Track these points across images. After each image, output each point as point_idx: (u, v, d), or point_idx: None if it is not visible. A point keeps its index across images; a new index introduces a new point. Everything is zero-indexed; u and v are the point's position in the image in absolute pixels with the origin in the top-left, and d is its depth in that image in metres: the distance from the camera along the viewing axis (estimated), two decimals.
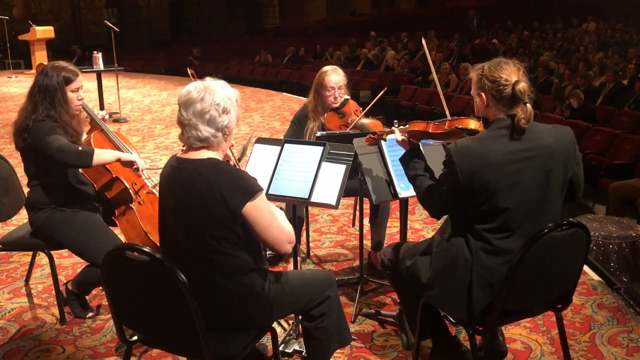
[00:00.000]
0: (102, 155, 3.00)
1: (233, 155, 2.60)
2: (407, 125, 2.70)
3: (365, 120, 3.85)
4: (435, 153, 2.99)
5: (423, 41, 3.35)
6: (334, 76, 3.83)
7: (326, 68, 3.93)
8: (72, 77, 3.05)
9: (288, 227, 2.28)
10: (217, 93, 2.18)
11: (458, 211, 2.36)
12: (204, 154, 2.20)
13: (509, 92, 2.27)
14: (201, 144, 2.19)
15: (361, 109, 3.92)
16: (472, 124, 2.44)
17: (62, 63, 3.11)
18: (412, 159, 2.60)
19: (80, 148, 2.94)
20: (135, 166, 3.14)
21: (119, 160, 3.08)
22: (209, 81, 2.22)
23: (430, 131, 2.57)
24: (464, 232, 2.34)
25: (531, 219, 2.29)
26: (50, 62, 3.14)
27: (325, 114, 3.88)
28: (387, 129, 2.91)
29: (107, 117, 3.39)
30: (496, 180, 2.23)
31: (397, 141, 2.73)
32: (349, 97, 3.94)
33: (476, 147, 2.27)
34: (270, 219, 2.19)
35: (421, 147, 3.05)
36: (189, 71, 3.90)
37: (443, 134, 2.51)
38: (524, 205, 2.27)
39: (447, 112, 2.97)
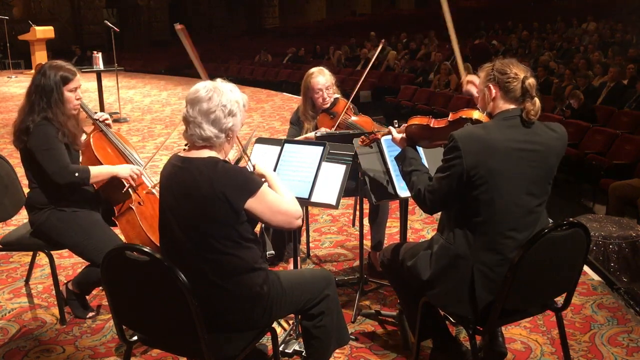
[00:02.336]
0: (98, 177, 3.05)
1: (241, 146, 2.60)
2: (407, 122, 2.69)
3: (354, 118, 3.85)
4: (435, 154, 2.98)
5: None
6: (321, 77, 3.82)
7: (312, 70, 3.91)
8: (69, 76, 3.04)
9: (293, 207, 2.29)
10: (225, 95, 2.19)
11: (454, 204, 2.36)
12: (205, 153, 2.20)
13: (517, 85, 2.32)
14: (203, 143, 2.20)
15: (352, 106, 3.91)
16: (476, 114, 2.44)
17: (60, 62, 3.10)
18: (408, 156, 2.60)
19: (77, 174, 2.95)
20: (126, 187, 3.15)
21: (114, 176, 3.10)
22: (219, 82, 2.24)
23: (431, 126, 2.55)
24: (462, 228, 2.33)
25: (526, 213, 2.30)
26: (48, 62, 3.13)
27: (318, 116, 3.88)
28: (384, 129, 2.90)
29: (107, 117, 3.36)
30: (499, 168, 2.23)
31: (393, 139, 2.72)
32: (339, 95, 3.94)
33: (481, 133, 2.28)
34: (275, 208, 2.21)
35: (420, 150, 3.06)
36: (177, 26, 3.43)
37: (445, 128, 2.50)
38: (521, 197, 2.28)
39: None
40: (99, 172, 3.05)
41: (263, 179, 2.38)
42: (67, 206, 3.07)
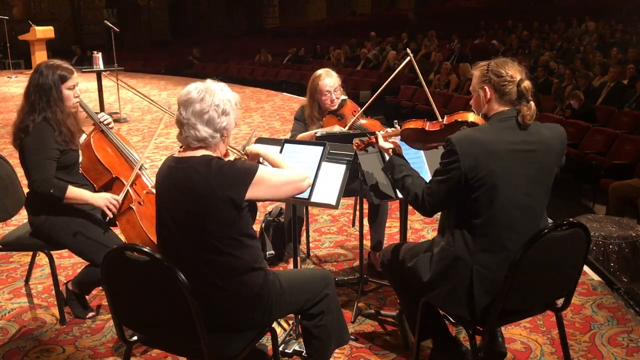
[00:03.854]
0: (72, 200, 2.98)
1: (236, 151, 2.62)
2: (398, 127, 2.69)
3: (363, 121, 3.83)
4: (435, 156, 2.98)
5: (408, 51, 3.33)
6: (329, 79, 3.78)
7: (319, 72, 3.86)
8: (67, 74, 3.04)
9: (295, 174, 2.33)
10: (217, 94, 2.19)
11: (452, 206, 2.35)
12: (200, 153, 2.20)
13: (513, 89, 2.31)
14: (199, 143, 2.20)
15: (359, 108, 3.90)
16: (471, 116, 2.45)
17: (56, 61, 3.10)
18: (396, 164, 2.58)
19: (52, 190, 2.91)
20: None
21: (88, 204, 3.04)
22: (210, 82, 2.23)
23: (426, 129, 2.56)
24: (461, 230, 2.34)
25: (527, 214, 2.30)
26: (44, 61, 3.13)
27: (324, 118, 3.86)
28: (382, 132, 2.90)
29: (109, 120, 3.35)
30: (497, 170, 2.23)
31: (379, 147, 2.72)
32: (346, 97, 3.92)
33: (478, 136, 2.28)
34: (277, 183, 2.24)
35: (422, 153, 3.05)
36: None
37: (441, 131, 2.50)
38: (521, 198, 2.28)
39: (438, 115, 2.97)
40: (74, 195, 2.98)
41: (260, 159, 2.42)
42: (67, 206, 3.06)
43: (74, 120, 3.12)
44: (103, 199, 3.04)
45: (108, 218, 3.10)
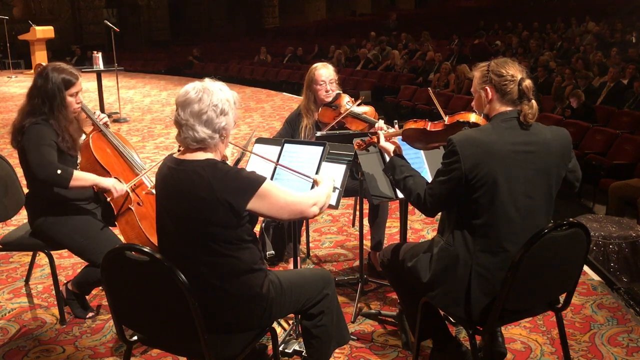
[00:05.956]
0: (80, 181, 2.90)
1: (240, 147, 2.61)
2: (397, 128, 2.68)
3: (359, 109, 3.84)
4: (435, 156, 2.98)
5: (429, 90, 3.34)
6: (324, 70, 3.88)
7: (316, 64, 3.98)
8: (72, 80, 3.02)
9: (306, 197, 2.31)
10: (215, 94, 2.17)
11: (454, 206, 2.36)
12: (201, 156, 2.19)
13: (514, 88, 2.31)
14: (198, 145, 2.18)
15: (354, 100, 3.92)
16: (473, 117, 2.45)
17: (63, 65, 3.07)
18: (397, 164, 2.58)
19: (59, 171, 2.83)
20: (109, 198, 3.05)
21: (95, 185, 3.00)
22: (208, 82, 2.21)
23: (428, 129, 2.55)
24: (461, 230, 2.34)
25: (527, 216, 2.30)
26: (50, 64, 3.09)
27: (319, 109, 3.89)
28: (383, 132, 2.90)
29: (106, 120, 3.35)
30: (498, 171, 2.23)
31: (380, 146, 2.72)
32: (340, 91, 3.96)
33: (479, 137, 2.28)
34: (280, 203, 2.20)
35: (422, 153, 3.05)
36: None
37: (442, 131, 2.50)
38: (521, 199, 2.28)
39: (443, 114, 2.96)
40: (81, 176, 2.93)
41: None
42: (67, 206, 3.07)
43: (76, 125, 3.11)
44: (111, 179, 3.05)
45: (110, 199, 3.07)
